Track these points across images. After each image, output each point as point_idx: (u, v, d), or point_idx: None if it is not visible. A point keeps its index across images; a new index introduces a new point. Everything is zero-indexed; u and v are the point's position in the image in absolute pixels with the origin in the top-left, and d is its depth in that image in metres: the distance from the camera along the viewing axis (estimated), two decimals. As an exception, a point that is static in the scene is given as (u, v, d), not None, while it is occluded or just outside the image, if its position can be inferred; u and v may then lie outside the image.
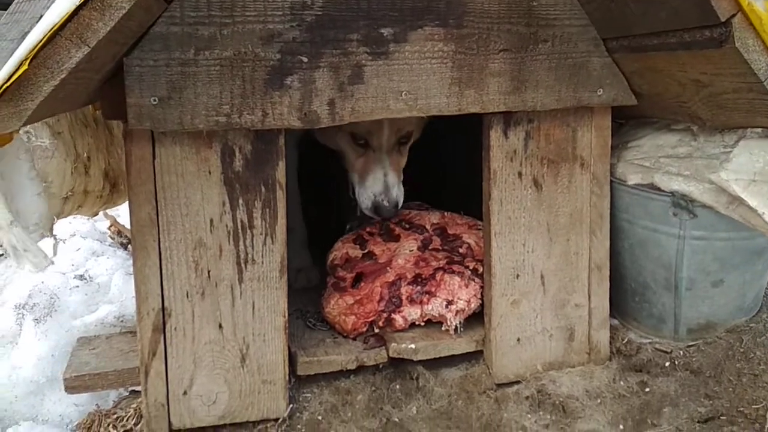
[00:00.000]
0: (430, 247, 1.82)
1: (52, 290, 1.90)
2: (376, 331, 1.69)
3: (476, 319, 1.70)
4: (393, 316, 1.68)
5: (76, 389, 1.54)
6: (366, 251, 1.84)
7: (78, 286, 1.96)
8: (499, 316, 1.62)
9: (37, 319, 1.81)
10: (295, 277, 1.99)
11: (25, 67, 0.99)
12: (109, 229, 2.56)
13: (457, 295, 1.67)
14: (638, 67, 1.48)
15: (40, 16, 1.02)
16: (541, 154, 1.58)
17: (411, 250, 1.80)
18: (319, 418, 1.54)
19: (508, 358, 1.64)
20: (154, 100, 1.28)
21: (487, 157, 1.58)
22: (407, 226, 1.89)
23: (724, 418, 1.50)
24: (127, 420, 1.53)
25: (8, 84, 0.99)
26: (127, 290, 1.92)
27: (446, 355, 1.65)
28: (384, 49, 1.39)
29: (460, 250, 1.81)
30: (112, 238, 2.49)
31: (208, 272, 1.44)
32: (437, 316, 1.68)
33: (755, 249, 1.60)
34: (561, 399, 1.58)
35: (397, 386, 1.63)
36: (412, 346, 1.62)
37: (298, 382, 1.60)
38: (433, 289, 1.69)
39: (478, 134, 1.62)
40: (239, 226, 1.44)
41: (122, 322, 1.83)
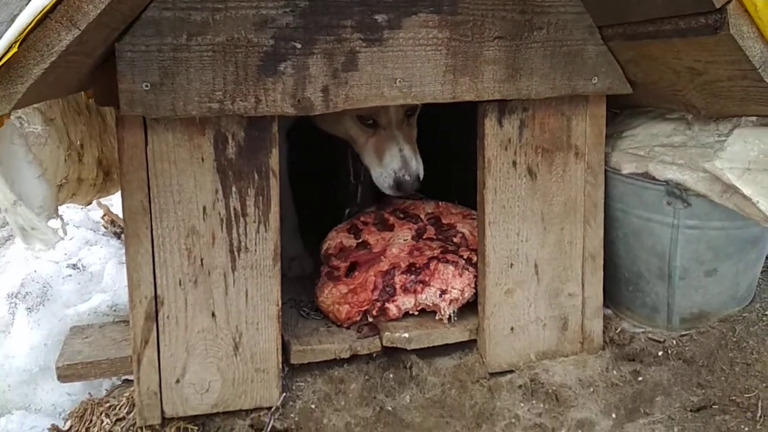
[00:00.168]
0: (425, 237, 1.82)
1: (45, 279, 1.90)
2: (370, 320, 1.69)
3: (470, 308, 1.70)
4: (387, 305, 1.67)
5: (69, 378, 1.53)
6: (360, 240, 1.83)
7: (71, 275, 1.96)
8: (492, 306, 1.62)
9: (30, 308, 1.80)
10: (289, 266, 1.99)
11: (14, 50, 0.98)
12: (103, 218, 2.55)
13: (450, 285, 1.67)
14: (633, 55, 1.47)
15: (30, -1, 1.01)
16: (535, 142, 1.58)
17: (405, 240, 1.80)
18: (313, 406, 1.54)
19: (502, 347, 1.64)
20: (147, 86, 1.27)
21: (481, 146, 1.57)
22: (401, 216, 1.89)
23: (717, 407, 1.50)
24: (119, 408, 1.53)
25: (-3, 67, 0.98)
26: (120, 279, 1.92)
27: (440, 344, 1.66)
28: (378, 36, 1.38)
29: (455, 240, 1.81)
30: (106, 228, 2.48)
31: (201, 260, 1.43)
32: (431, 305, 1.68)
33: (749, 238, 1.61)
34: (554, 388, 1.58)
35: (391, 375, 1.63)
36: (406, 335, 1.62)
37: (291, 370, 1.60)
38: (427, 279, 1.69)
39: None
40: (232, 214, 1.43)
41: (115, 311, 1.82)
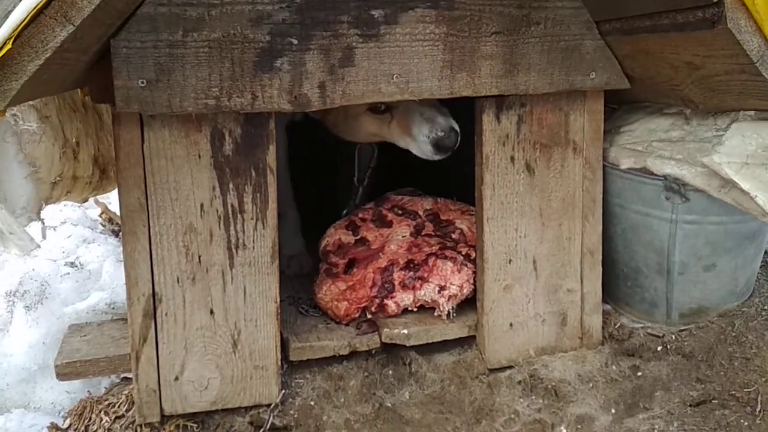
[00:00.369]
0: (423, 233, 1.82)
1: (43, 277, 1.89)
2: (369, 316, 1.68)
3: (469, 304, 1.69)
4: (385, 301, 1.67)
5: (68, 376, 1.53)
6: (359, 237, 1.83)
7: (69, 273, 1.95)
8: (491, 302, 1.62)
9: (28, 307, 1.80)
10: (288, 264, 1.99)
11: (8, 47, 0.97)
12: (100, 216, 2.55)
13: (449, 281, 1.67)
14: (631, 50, 1.47)
15: (24, -5, 1.00)
16: (533, 138, 1.57)
17: (404, 236, 1.80)
18: (312, 403, 1.54)
19: (501, 343, 1.64)
20: (142, 83, 1.27)
21: (479, 142, 1.57)
22: (400, 212, 1.88)
23: (716, 401, 1.50)
24: (118, 406, 1.53)
25: (-9, 64, 0.97)
26: (118, 277, 1.91)
27: (439, 341, 1.65)
28: (375, 31, 1.37)
29: (453, 236, 1.80)
30: (103, 225, 2.47)
31: (199, 257, 1.43)
32: (430, 301, 1.68)
33: (747, 233, 1.60)
34: (553, 383, 1.58)
35: (390, 372, 1.63)
36: (405, 332, 1.62)
37: (290, 367, 1.60)
38: (426, 275, 1.68)
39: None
40: (230, 211, 1.43)
41: (113, 309, 1.82)
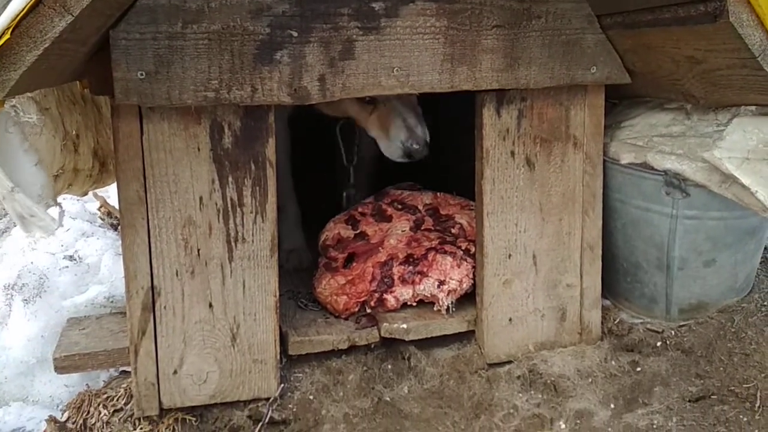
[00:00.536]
0: (423, 228, 1.82)
1: (42, 271, 1.89)
2: (368, 311, 1.68)
3: (468, 299, 1.69)
4: (385, 296, 1.67)
5: (66, 369, 1.53)
6: (358, 231, 1.83)
7: (68, 267, 1.95)
8: (491, 296, 1.62)
9: (27, 300, 1.79)
10: (287, 258, 1.98)
11: (7, 37, 0.97)
12: (99, 209, 2.54)
13: (449, 275, 1.66)
14: (632, 44, 1.46)
15: (22, -15, 1.00)
16: (533, 133, 1.57)
17: (403, 231, 1.79)
18: (311, 397, 1.54)
19: (500, 338, 1.63)
20: (141, 75, 1.26)
21: (479, 136, 1.56)
22: (399, 207, 1.88)
23: (715, 397, 1.50)
24: (117, 400, 1.53)
25: (-10, 54, 0.97)
26: (116, 271, 1.91)
27: (438, 335, 1.65)
28: (375, 24, 1.37)
29: (453, 231, 1.80)
30: (102, 219, 2.47)
31: (198, 250, 1.43)
32: (429, 296, 1.68)
33: (748, 228, 1.60)
34: (552, 378, 1.58)
35: (389, 366, 1.62)
36: (404, 326, 1.62)
37: (289, 361, 1.60)
38: (425, 269, 1.68)
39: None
40: (229, 204, 1.42)
41: (112, 302, 1.81)
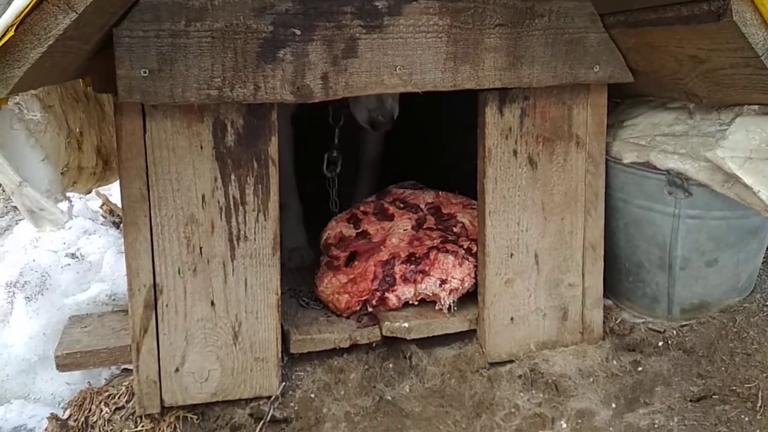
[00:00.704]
0: (425, 227, 1.82)
1: (44, 268, 1.89)
2: (370, 309, 1.68)
3: (470, 298, 1.69)
4: (386, 294, 1.67)
5: (68, 367, 1.53)
6: (360, 230, 1.83)
7: (69, 265, 1.95)
8: (492, 295, 1.62)
9: (29, 298, 1.80)
10: (289, 256, 1.98)
11: (11, 34, 0.97)
12: (101, 207, 2.55)
13: (450, 274, 1.66)
14: (635, 43, 1.46)
15: (26, -18, 1.00)
16: (536, 132, 1.57)
17: (405, 229, 1.79)
18: (312, 396, 1.54)
19: (502, 337, 1.63)
20: (145, 72, 1.26)
21: (482, 135, 1.56)
22: (401, 206, 1.88)
23: (717, 397, 1.50)
24: (119, 397, 1.53)
25: (-7, 51, 0.97)
26: (119, 269, 1.91)
27: (439, 334, 1.65)
28: (378, 23, 1.37)
29: (455, 230, 1.80)
30: (104, 217, 2.47)
31: (200, 249, 1.43)
32: (431, 295, 1.68)
33: (750, 228, 1.60)
34: (554, 378, 1.58)
35: (390, 365, 1.62)
36: (406, 325, 1.62)
37: (290, 360, 1.60)
38: (427, 268, 1.68)
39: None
40: (231, 203, 1.42)
41: (114, 300, 1.81)
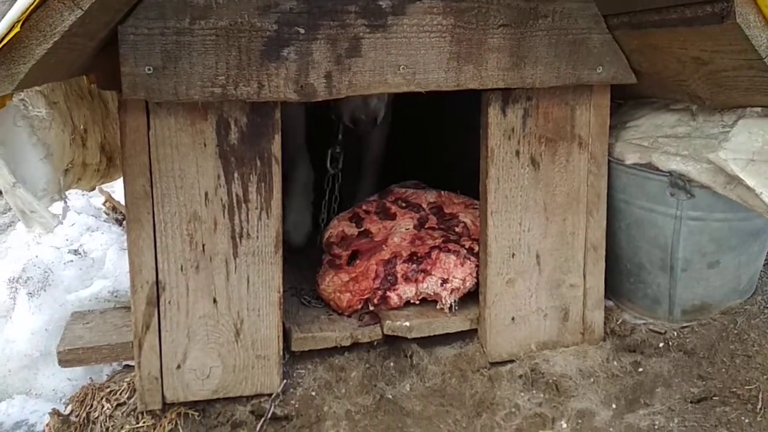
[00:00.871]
0: (426, 226, 1.82)
1: (47, 264, 1.90)
2: (371, 308, 1.68)
3: (471, 297, 1.69)
4: (388, 293, 1.67)
5: (70, 363, 1.54)
6: (362, 229, 1.83)
7: (72, 261, 1.96)
8: (494, 295, 1.62)
9: (31, 294, 1.81)
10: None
11: (17, 30, 0.97)
12: (104, 204, 2.56)
13: (452, 274, 1.67)
14: (638, 45, 1.46)
15: (33, -21, 1.00)
16: (539, 132, 1.57)
17: (407, 229, 1.80)
18: (313, 393, 1.54)
19: (503, 337, 1.64)
20: (149, 70, 1.27)
21: (484, 135, 1.57)
22: (403, 205, 1.88)
23: (717, 398, 1.50)
24: (120, 394, 1.53)
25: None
26: (121, 265, 1.92)
27: (440, 334, 1.66)
28: (382, 22, 1.37)
29: (456, 229, 1.80)
30: (107, 214, 2.48)
31: (203, 246, 1.43)
32: (432, 294, 1.68)
33: (752, 230, 1.60)
34: (554, 378, 1.58)
35: (391, 363, 1.63)
36: (407, 324, 1.62)
37: (292, 358, 1.60)
38: (429, 268, 1.68)
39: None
40: (234, 200, 1.43)
41: (116, 297, 1.82)
